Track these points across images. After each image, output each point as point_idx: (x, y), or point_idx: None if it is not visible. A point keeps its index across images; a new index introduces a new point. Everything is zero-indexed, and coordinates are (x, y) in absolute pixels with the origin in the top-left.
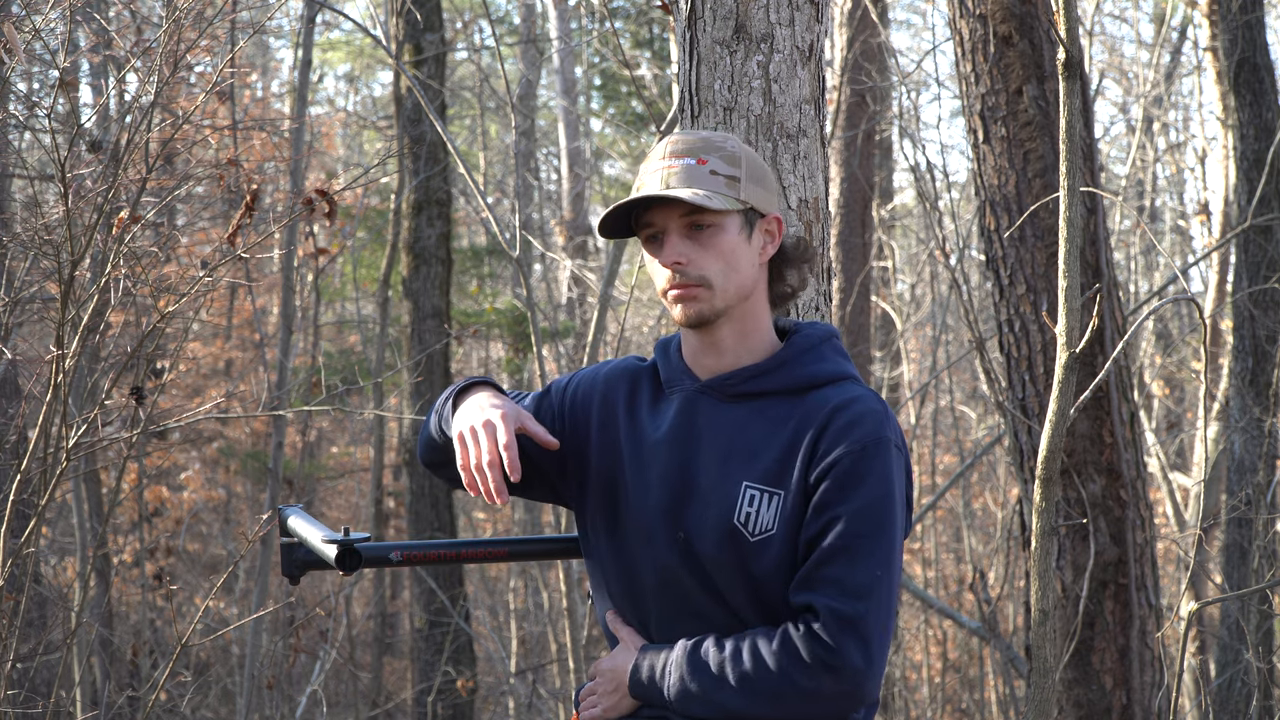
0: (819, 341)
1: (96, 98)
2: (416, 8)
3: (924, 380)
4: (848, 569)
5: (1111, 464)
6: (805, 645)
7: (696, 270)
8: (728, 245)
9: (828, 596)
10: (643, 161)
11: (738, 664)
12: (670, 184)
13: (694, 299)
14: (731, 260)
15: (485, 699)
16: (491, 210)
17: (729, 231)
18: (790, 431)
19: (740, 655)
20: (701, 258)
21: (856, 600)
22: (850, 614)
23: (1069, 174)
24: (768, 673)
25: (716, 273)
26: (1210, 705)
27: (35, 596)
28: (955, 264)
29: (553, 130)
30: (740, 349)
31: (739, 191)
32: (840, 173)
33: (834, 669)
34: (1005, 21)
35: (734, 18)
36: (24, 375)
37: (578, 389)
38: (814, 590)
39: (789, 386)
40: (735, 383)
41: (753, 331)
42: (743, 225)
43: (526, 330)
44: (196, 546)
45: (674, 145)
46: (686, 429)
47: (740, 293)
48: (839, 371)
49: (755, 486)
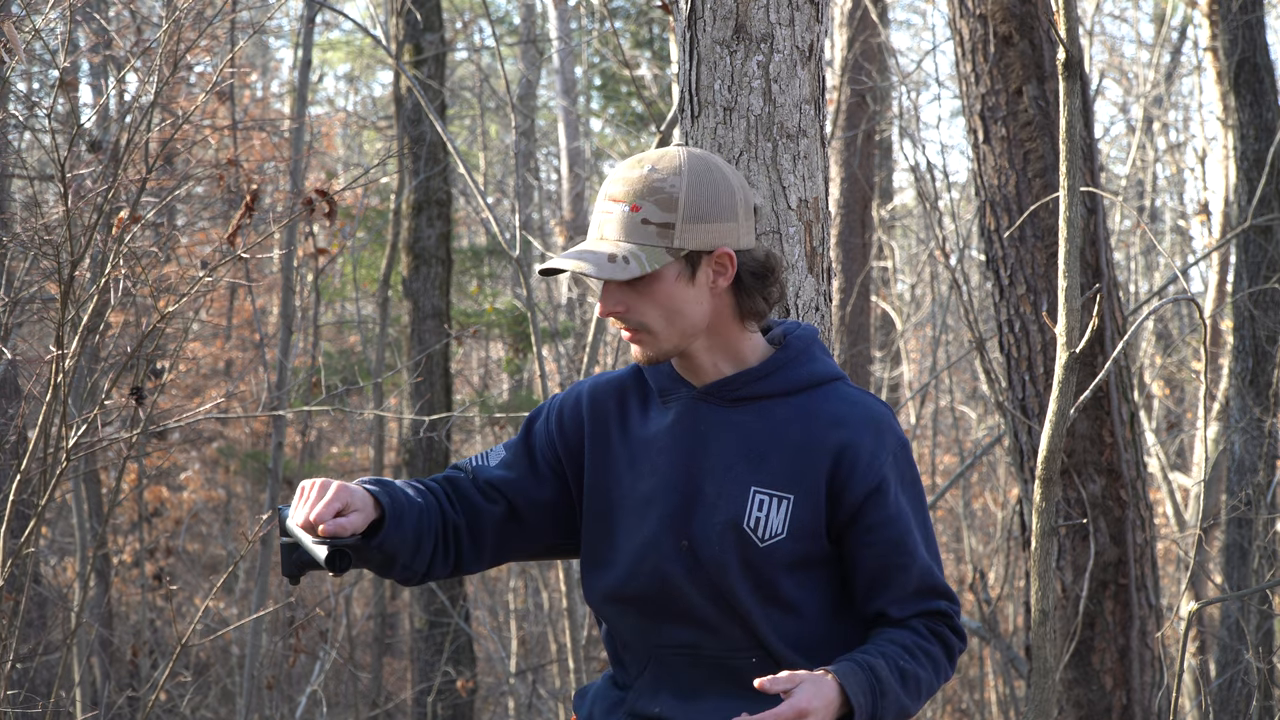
0: (809, 343)
1: (96, 98)
2: (416, 8)
3: (924, 380)
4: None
5: (1111, 464)
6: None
7: (636, 318)
8: (663, 294)
9: (924, 600)
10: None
11: (920, 670)
12: (603, 233)
13: (640, 343)
14: (670, 306)
15: (485, 699)
16: (491, 210)
17: (665, 280)
18: (797, 434)
19: (920, 662)
20: (639, 305)
21: (935, 578)
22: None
23: (1069, 174)
24: (936, 672)
25: (655, 319)
26: (1210, 705)
27: (35, 596)
28: (955, 264)
29: (553, 130)
30: (722, 363)
31: (672, 240)
32: (840, 173)
33: (956, 647)
34: (1005, 21)
35: (734, 18)
36: (24, 375)
37: (563, 413)
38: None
39: (787, 389)
40: (735, 387)
41: (729, 346)
42: (682, 270)
43: (526, 330)
44: (196, 546)
45: (613, 186)
46: (690, 435)
47: (690, 332)
48: (830, 372)
49: (764, 491)
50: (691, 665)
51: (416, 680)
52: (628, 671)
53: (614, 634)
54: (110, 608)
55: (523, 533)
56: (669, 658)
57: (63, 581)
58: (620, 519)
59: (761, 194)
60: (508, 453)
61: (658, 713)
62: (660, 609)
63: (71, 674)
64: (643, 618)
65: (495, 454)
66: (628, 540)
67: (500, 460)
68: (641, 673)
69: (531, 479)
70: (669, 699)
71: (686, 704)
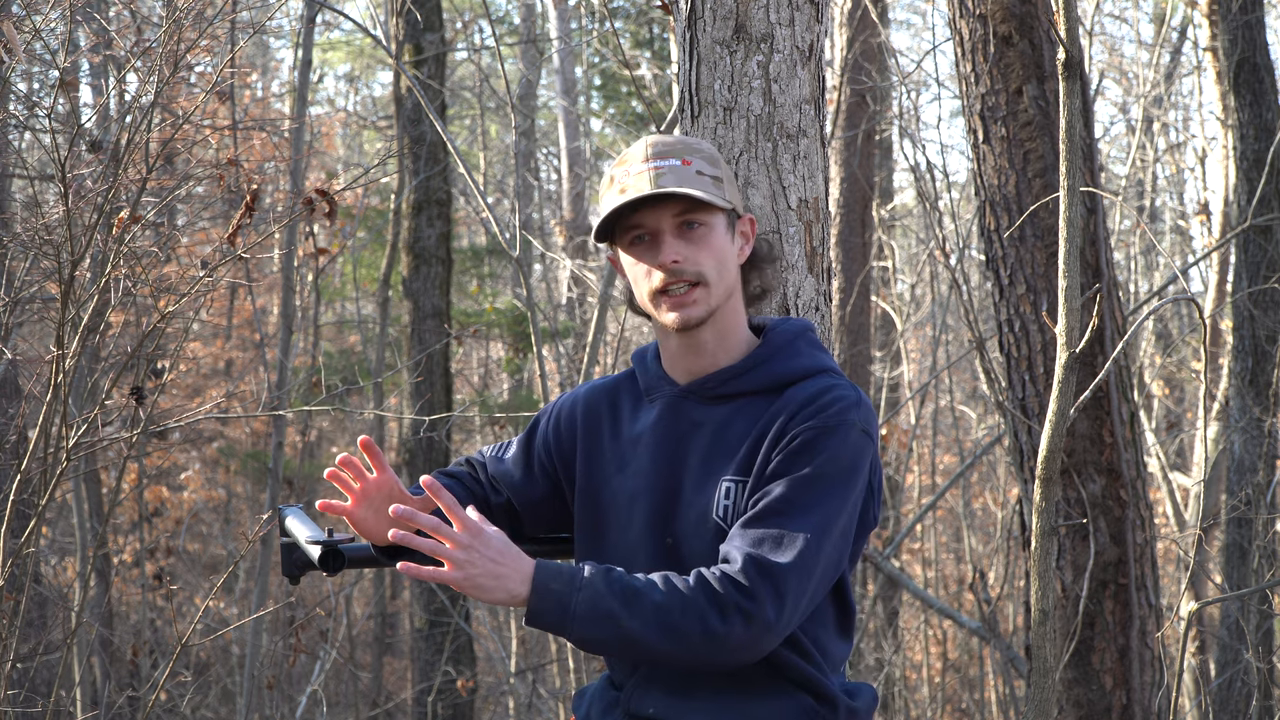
0: (794, 337)
1: (96, 98)
2: (416, 8)
3: (924, 380)
4: (776, 527)
5: (1111, 464)
6: (722, 586)
7: (694, 267)
8: (718, 244)
9: (751, 547)
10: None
11: (653, 592)
12: (661, 184)
13: (692, 302)
14: (722, 258)
15: (485, 699)
16: (491, 210)
17: (718, 230)
18: (763, 423)
19: (656, 585)
20: (696, 255)
21: (779, 555)
22: (770, 566)
23: (1069, 174)
24: (682, 606)
25: (711, 269)
26: (1210, 705)
27: (35, 596)
28: (955, 264)
29: (553, 130)
30: (719, 350)
31: (724, 192)
32: (840, 173)
33: (746, 614)
34: (1005, 21)
35: (734, 18)
36: (24, 375)
37: (559, 419)
38: (738, 542)
39: (767, 385)
40: (714, 385)
41: (730, 332)
42: (728, 225)
43: (526, 330)
44: (196, 546)
45: (655, 147)
46: (670, 434)
47: (728, 292)
48: (815, 365)
49: (730, 479)
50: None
51: (416, 680)
52: (621, 671)
53: None
54: (110, 608)
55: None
56: None
57: (63, 581)
58: (611, 518)
59: (761, 194)
60: (515, 449)
61: (652, 714)
62: None
63: (72, 674)
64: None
65: (506, 449)
66: (619, 538)
67: (508, 456)
68: (633, 672)
69: (526, 479)
70: (661, 697)
71: (678, 702)
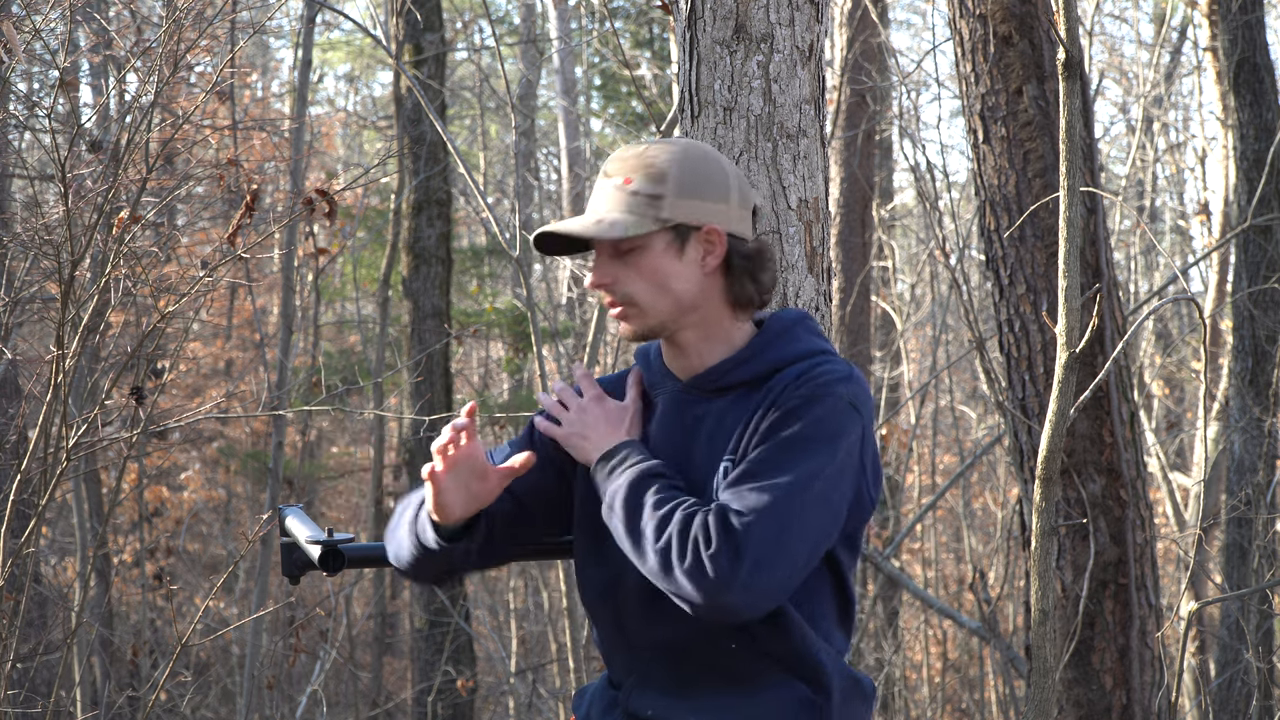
0: (792, 324)
1: (96, 98)
2: (416, 8)
3: (924, 380)
4: (749, 483)
5: (1111, 464)
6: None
7: (622, 290)
8: (650, 265)
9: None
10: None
11: (656, 509)
12: (595, 205)
13: (626, 318)
14: (658, 279)
15: (485, 699)
16: (491, 210)
17: (653, 251)
18: (755, 402)
19: (661, 504)
20: (627, 278)
21: (744, 512)
22: (734, 522)
23: (1069, 174)
24: (663, 531)
25: (642, 291)
26: (1210, 705)
27: (35, 596)
28: (955, 264)
29: (553, 130)
30: (706, 352)
31: (661, 210)
32: (840, 173)
33: (699, 563)
34: (1005, 21)
35: (734, 18)
36: (24, 375)
37: None
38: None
39: (765, 371)
40: (715, 377)
41: (714, 336)
42: (671, 242)
43: (526, 330)
44: (196, 546)
45: (609, 164)
46: (675, 430)
47: (677, 308)
48: (812, 348)
49: (727, 459)
50: (678, 662)
51: (416, 680)
52: (618, 671)
53: (603, 634)
54: (110, 608)
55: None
56: (655, 656)
57: (63, 581)
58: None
59: (761, 194)
60: (512, 449)
61: (650, 715)
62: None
63: (72, 674)
64: (631, 616)
65: (500, 452)
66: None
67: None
68: (631, 672)
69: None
70: (658, 697)
71: (676, 701)
